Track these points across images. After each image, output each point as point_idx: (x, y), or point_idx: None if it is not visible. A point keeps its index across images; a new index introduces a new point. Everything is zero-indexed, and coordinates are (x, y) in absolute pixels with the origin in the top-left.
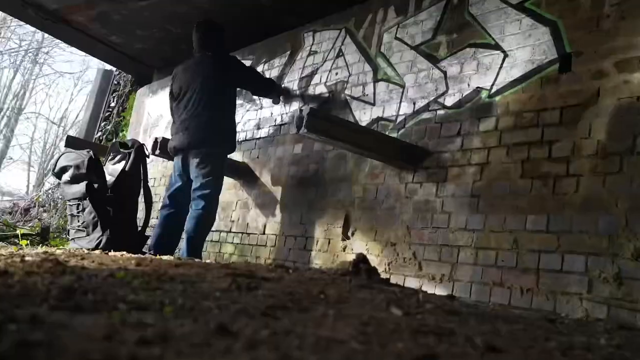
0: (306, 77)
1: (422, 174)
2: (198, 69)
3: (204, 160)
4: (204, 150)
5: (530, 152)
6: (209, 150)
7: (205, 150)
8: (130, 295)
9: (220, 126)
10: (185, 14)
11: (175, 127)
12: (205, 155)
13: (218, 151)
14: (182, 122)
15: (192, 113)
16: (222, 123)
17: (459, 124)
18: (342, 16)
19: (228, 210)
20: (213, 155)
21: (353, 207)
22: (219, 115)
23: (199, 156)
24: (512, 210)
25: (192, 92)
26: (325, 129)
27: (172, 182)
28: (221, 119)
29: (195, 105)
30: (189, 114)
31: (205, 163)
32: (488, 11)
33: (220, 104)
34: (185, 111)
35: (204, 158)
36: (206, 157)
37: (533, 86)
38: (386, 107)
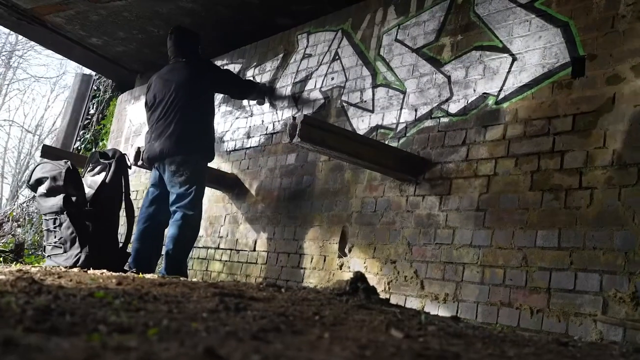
0: (300, 82)
1: (424, 186)
2: (171, 76)
3: (180, 168)
4: (178, 157)
5: (541, 163)
6: (185, 157)
7: (180, 157)
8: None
9: (196, 132)
10: (168, 14)
11: (149, 136)
12: (180, 163)
13: (194, 158)
14: (156, 130)
15: (166, 121)
16: (197, 129)
17: (464, 133)
18: (339, 16)
19: (216, 225)
20: (189, 163)
21: (350, 221)
22: (194, 122)
23: (173, 164)
24: (521, 225)
25: (165, 100)
26: (321, 138)
27: (148, 194)
28: (197, 125)
29: (168, 112)
30: (162, 121)
31: (181, 171)
32: (495, 11)
33: (195, 110)
34: (159, 119)
35: (179, 166)
36: (182, 165)
37: (543, 92)
38: (386, 115)
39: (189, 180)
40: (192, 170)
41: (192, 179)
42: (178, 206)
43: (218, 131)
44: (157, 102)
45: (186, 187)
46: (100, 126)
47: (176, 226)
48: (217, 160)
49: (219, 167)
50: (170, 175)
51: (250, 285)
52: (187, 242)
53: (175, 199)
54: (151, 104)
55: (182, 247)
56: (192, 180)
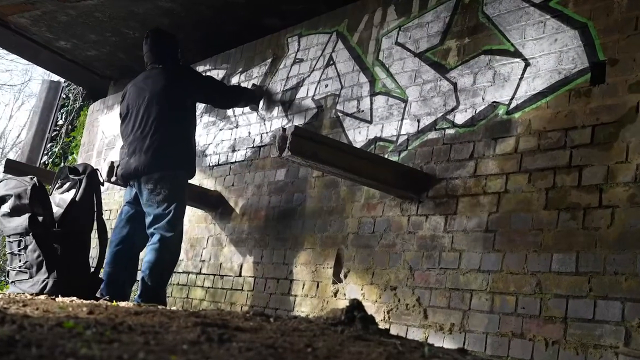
0: (290, 89)
1: (427, 205)
2: (147, 84)
3: (157, 186)
4: (155, 174)
5: (556, 179)
6: (162, 173)
7: (157, 174)
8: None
9: (174, 146)
10: (145, 14)
11: (123, 151)
12: (157, 180)
13: (173, 174)
14: (130, 145)
15: (141, 134)
16: (176, 142)
17: (471, 146)
18: (333, 17)
19: (197, 248)
20: (167, 180)
21: (346, 244)
22: (173, 134)
23: (150, 182)
24: (535, 247)
25: (140, 111)
26: (313, 151)
27: (122, 213)
28: (175, 137)
29: (144, 124)
30: (137, 135)
31: (158, 189)
32: (506, 11)
33: (173, 121)
34: (133, 132)
35: (156, 183)
36: (159, 182)
37: (559, 100)
38: (385, 126)
39: (167, 199)
40: (171, 188)
41: (170, 197)
42: (156, 228)
43: (200, 144)
44: (130, 113)
45: (164, 206)
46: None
47: (153, 249)
48: (199, 176)
49: (201, 184)
50: (147, 194)
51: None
52: (166, 266)
53: (153, 220)
54: (125, 115)
55: (160, 272)
56: (170, 199)
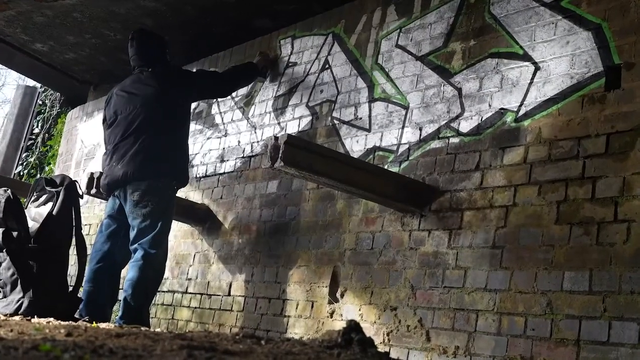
0: (283, 95)
1: (430, 219)
2: (136, 89)
3: (145, 197)
4: (144, 183)
5: (568, 191)
6: (152, 183)
7: (146, 183)
8: None
9: (167, 152)
10: (127, 15)
11: (108, 158)
12: (146, 191)
13: (163, 184)
14: (117, 151)
15: (129, 139)
16: (168, 149)
17: (477, 156)
18: (329, 18)
19: (183, 265)
20: (157, 190)
21: (343, 261)
22: (165, 140)
23: (137, 191)
24: (545, 265)
25: (130, 117)
26: (307, 162)
27: (103, 227)
28: (167, 144)
29: (133, 131)
30: (124, 140)
31: (146, 201)
32: (514, 11)
33: (165, 127)
34: (121, 138)
35: (144, 194)
36: (148, 193)
37: (572, 107)
38: (385, 134)
39: (154, 213)
40: (159, 201)
41: (158, 211)
42: (140, 243)
43: None
44: (119, 119)
45: (150, 220)
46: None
47: (136, 267)
48: (186, 188)
49: (188, 197)
50: (132, 205)
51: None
52: (150, 285)
53: (137, 235)
54: (112, 121)
55: (144, 291)
56: (158, 213)
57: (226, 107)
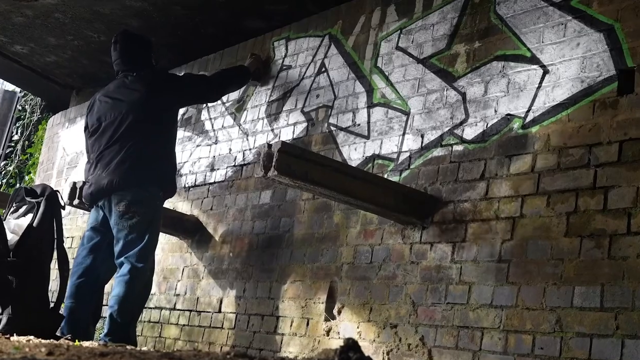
0: (277, 100)
1: (432, 232)
2: (122, 94)
3: (131, 208)
4: (130, 193)
5: (579, 202)
6: (139, 192)
7: (132, 193)
8: None
9: (154, 160)
10: (111, 15)
11: (91, 167)
12: (132, 201)
13: (150, 194)
14: (101, 159)
15: (115, 147)
16: (156, 157)
17: (482, 164)
18: (325, 19)
19: (171, 280)
20: (144, 200)
21: (340, 275)
22: (152, 148)
23: (123, 202)
24: (554, 279)
25: (115, 123)
26: (303, 171)
27: (85, 240)
28: (155, 151)
29: (119, 138)
30: (109, 148)
31: (132, 212)
32: (521, 11)
33: (153, 134)
34: (106, 145)
35: (130, 204)
36: (134, 203)
37: (582, 113)
38: (384, 141)
39: (141, 224)
40: (146, 212)
41: (145, 222)
42: (126, 256)
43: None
44: (104, 126)
45: (137, 232)
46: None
47: (123, 282)
48: (173, 198)
49: (175, 207)
50: (117, 216)
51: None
52: (137, 301)
53: (123, 248)
54: (95, 129)
55: (130, 307)
56: (145, 224)
57: (217, 112)
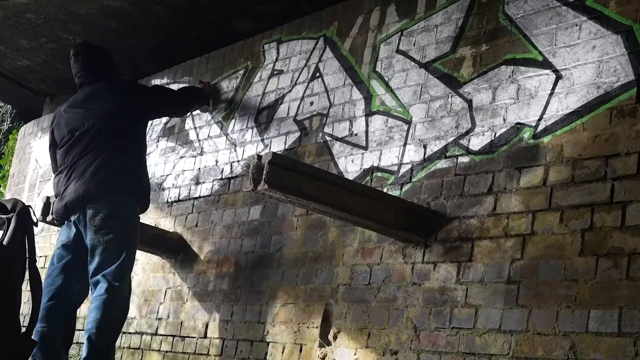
0: (267, 107)
1: (436, 250)
2: (92, 104)
3: (105, 222)
4: (106, 206)
5: (595, 218)
6: (115, 206)
7: (106, 207)
8: None
9: (130, 172)
10: (88, 16)
11: (64, 177)
12: (108, 215)
13: (128, 208)
14: (75, 169)
15: (89, 156)
16: (131, 168)
17: (490, 177)
18: (320, 19)
19: (153, 303)
20: (121, 214)
21: (335, 298)
22: (128, 159)
23: (99, 215)
24: (568, 302)
25: (87, 133)
26: (295, 184)
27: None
28: (131, 163)
29: (93, 146)
30: (83, 158)
31: (108, 226)
32: (532, 12)
33: (123, 147)
34: (79, 156)
35: (107, 218)
36: (110, 217)
37: (598, 121)
38: (384, 152)
39: (118, 240)
40: (124, 226)
41: (122, 237)
42: (102, 274)
43: (156, 175)
44: (77, 136)
45: (114, 248)
46: None
47: (101, 302)
48: (155, 214)
49: (157, 224)
50: (92, 231)
51: None
52: (117, 322)
53: (98, 265)
54: (66, 140)
55: (109, 329)
56: (122, 240)
57: (202, 121)
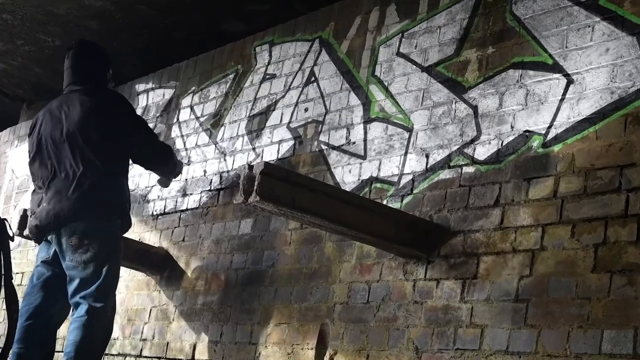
0: (259, 114)
1: (439, 266)
2: (65, 112)
3: (84, 241)
4: (81, 225)
5: (608, 232)
6: (93, 222)
7: (84, 224)
8: None
9: (108, 190)
10: (68, 16)
11: (34, 197)
12: (85, 233)
13: (105, 225)
14: (48, 188)
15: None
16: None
17: (496, 188)
18: (315, 20)
19: (137, 323)
20: (98, 232)
21: (332, 317)
22: (105, 175)
23: (75, 235)
24: (580, 322)
25: (60, 145)
26: (289, 196)
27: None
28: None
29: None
30: (55, 176)
31: (86, 245)
32: (542, 12)
33: (104, 159)
34: (53, 172)
35: (83, 237)
36: (87, 236)
37: (612, 129)
38: (384, 162)
39: (97, 258)
40: (103, 244)
41: (102, 255)
42: (82, 296)
43: (140, 186)
44: (46, 149)
45: (93, 267)
46: None
47: (80, 324)
48: (139, 228)
49: (142, 239)
50: (70, 251)
51: None
52: (97, 346)
53: (78, 286)
54: (37, 151)
55: (89, 354)
56: (102, 258)
57: (189, 129)
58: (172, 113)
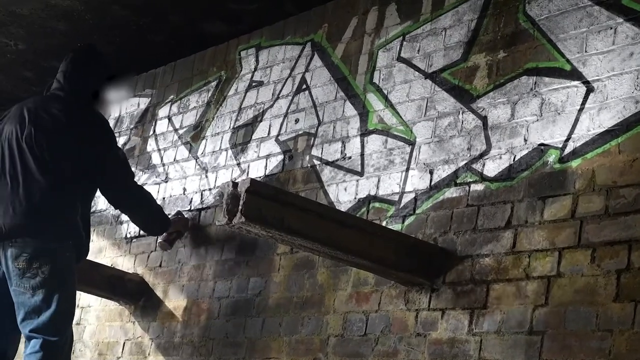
0: (245, 126)
1: (445, 295)
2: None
3: (32, 264)
4: (28, 246)
5: (632, 257)
6: (42, 243)
7: (34, 244)
8: None
9: (57, 209)
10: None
11: None
12: (34, 255)
13: (59, 245)
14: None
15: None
16: (68, 204)
17: (508, 208)
18: (307, 21)
19: (109, 357)
20: (50, 253)
21: (325, 351)
22: (65, 192)
23: (22, 256)
24: (601, 356)
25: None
26: (278, 217)
27: None
28: (68, 198)
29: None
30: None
31: (34, 269)
32: (558, 12)
33: (61, 178)
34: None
35: (31, 260)
36: (36, 258)
37: (637, 142)
38: (383, 179)
39: (48, 284)
40: (55, 267)
41: (53, 281)
42: (33, 329)
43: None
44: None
45: (43, 294)
46: None
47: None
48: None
49: (114, 264)
50: (17, 275)
51: None
52: None
53: (27, 316)
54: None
55: None
56: (53, 284)
57: (167, 142)
58: (147, 124)
